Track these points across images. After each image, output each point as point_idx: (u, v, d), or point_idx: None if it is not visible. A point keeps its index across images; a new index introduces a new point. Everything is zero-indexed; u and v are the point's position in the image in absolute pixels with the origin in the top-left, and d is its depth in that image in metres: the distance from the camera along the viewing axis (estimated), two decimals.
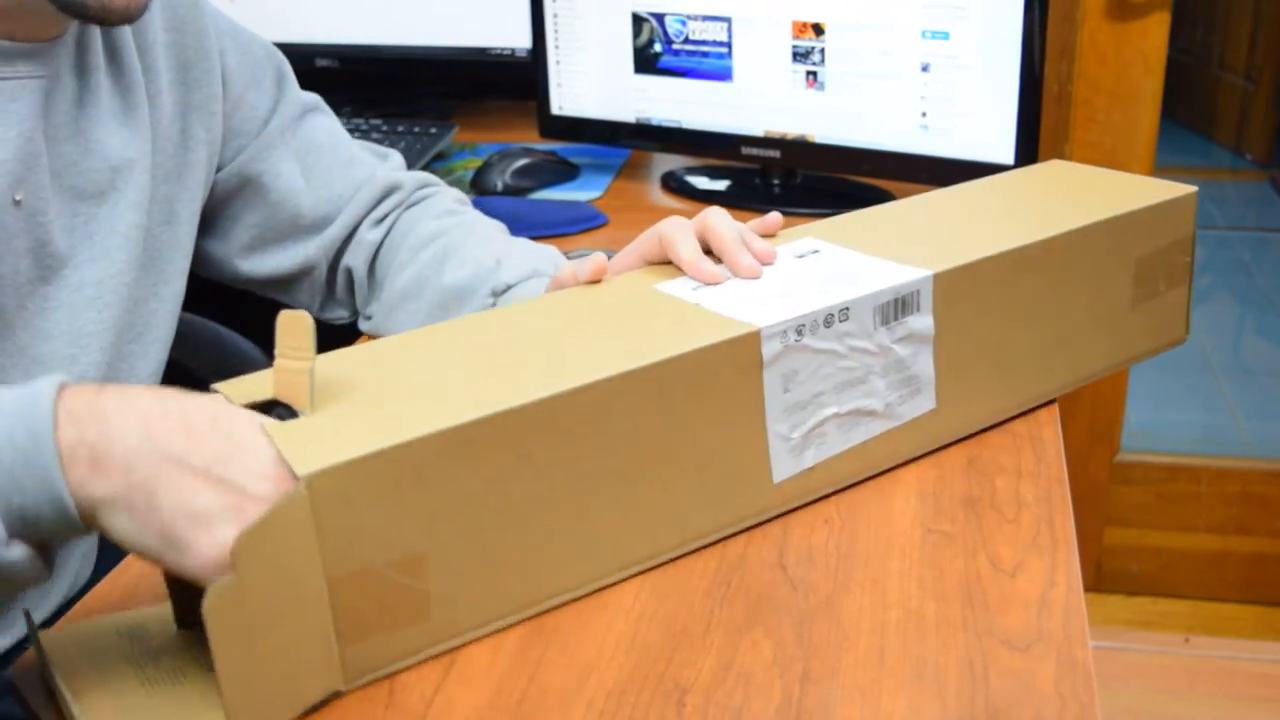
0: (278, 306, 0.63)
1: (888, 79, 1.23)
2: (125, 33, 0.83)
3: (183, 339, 1.12)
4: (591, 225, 1.27)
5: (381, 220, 0.98)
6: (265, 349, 1.08)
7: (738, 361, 0.68)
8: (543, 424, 0.62)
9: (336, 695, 0.60)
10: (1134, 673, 1.81)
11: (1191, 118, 3.85)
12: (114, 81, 0.82)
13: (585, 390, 0.63)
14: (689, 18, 1.31)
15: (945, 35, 1.18)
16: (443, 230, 0.96)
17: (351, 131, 1.48)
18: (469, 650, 0.63)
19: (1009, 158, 1.18)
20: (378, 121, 1.52)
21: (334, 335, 0.94)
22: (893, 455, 0.77)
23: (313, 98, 1.00)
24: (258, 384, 0.63)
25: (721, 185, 1.39)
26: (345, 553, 0.57)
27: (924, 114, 1.22)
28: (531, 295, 0.87)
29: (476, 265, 0.91)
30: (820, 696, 0.59)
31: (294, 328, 0.60)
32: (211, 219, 0.95)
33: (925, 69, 1.20)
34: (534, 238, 0.98)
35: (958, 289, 0.76)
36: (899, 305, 0.74)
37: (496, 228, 0.99)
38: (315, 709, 0.59)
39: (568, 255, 0.96)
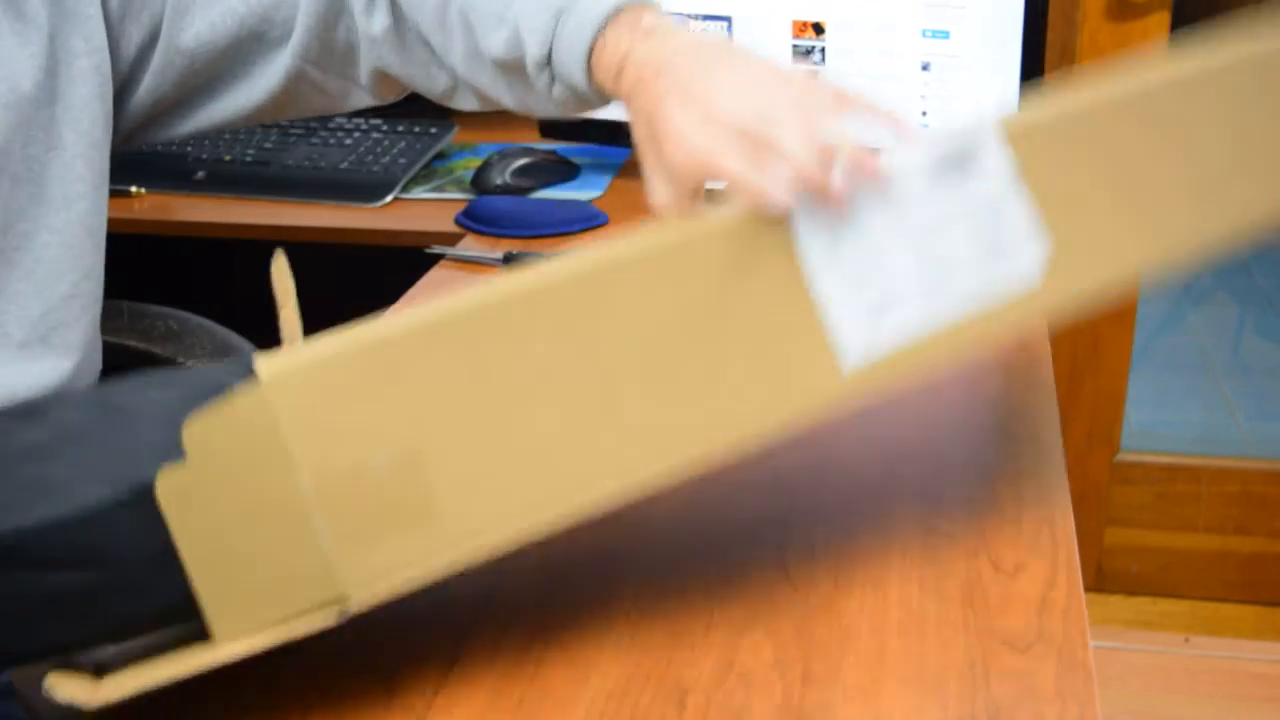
0: (274, 305, 0.63)
1: (888, 79, 1.22)
2: None
3: (179, 337, 1.11)
4: (592, 225, 1.27)
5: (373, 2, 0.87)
6: (261, 346, 1.08)
7: (773, 234, 0.60)
8: (535, 311, 0.57)
9: (343, 611, 0.56)
10: (1134, 673, 1.81)
11: None
12: None
13: (580, 276, 0.58)
14: (689, 17, 1.31)
15: (946, 35, 1.18)
16: None
17: (351, 131, 1.48)
18: (469, 650, 0.63)
19: None
20: (377, 121, 1.52)
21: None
22: (985, 331, 0.64)
23: None
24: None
25: (722, 184, 1.39)
26: (325, 453, 0.55)
27: (924, 113, 1.22)
28: (578, 43, 0.73)
29: (499, 23, 0.78)
30: (821, 697, 0.59)
31: (278, 275, 0.60)
32: (197, 99, 0.90)
33: (925, 68, 1.20)
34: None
35: (1055, 132, 0.65)
36: (970, 154, 0.63)
37: None
38: (320, 695, 0.59)
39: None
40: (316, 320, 1.01)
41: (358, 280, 1.17)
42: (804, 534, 0.72)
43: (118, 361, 0.91)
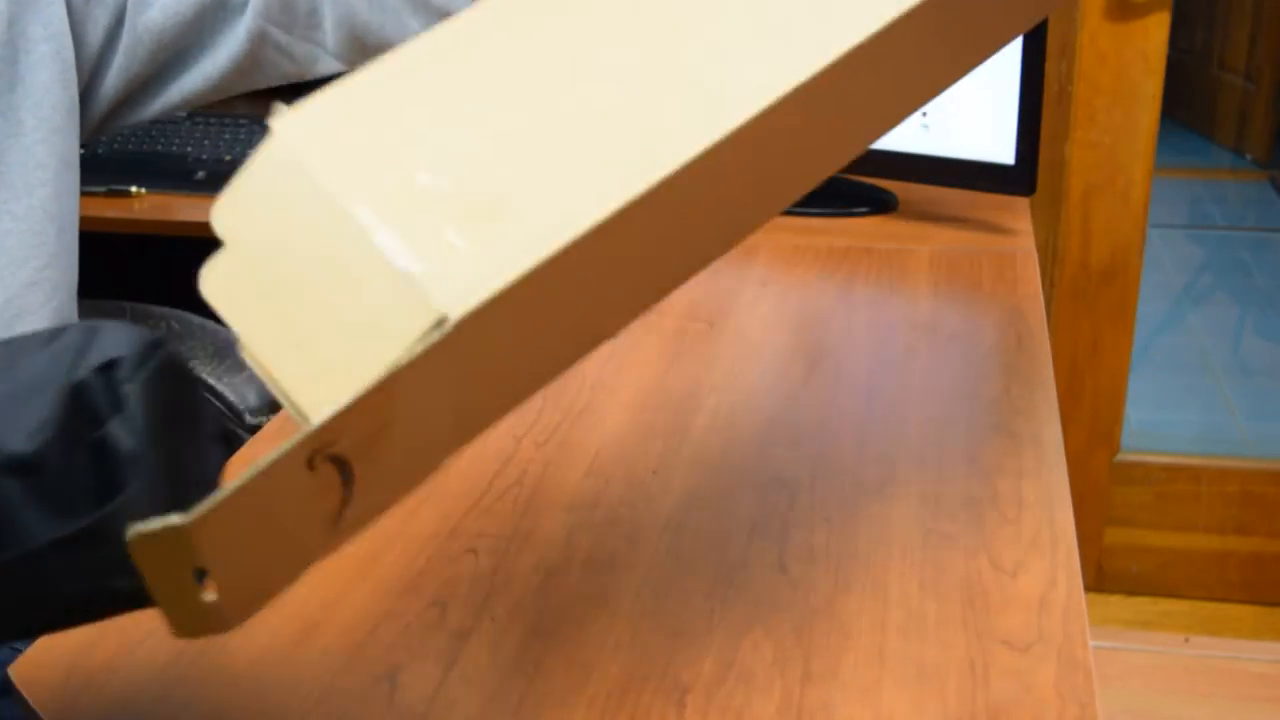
0: None
1: None
2: None
3: (180, 338, 1.12)
4: None
5: None
6: None
7: None
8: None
9: (442, 325, 0.47)
10: (1134, 673, 1.81)
11: (1191, 118, 3.85)
12: None
13: None
14: None
15: None
16: None
17: None
18: (469, 650, 0.63)
19: (1009, 157, 1.18)
20: None
21: None
22: None
23: None
24: None
25: None
26: (357, 179, 0.49)
27: (924, 113, 1.22)
28: None
29: None
30: (821, 696, 0.59)
31: None
32: (168, 74, 0.91)
33: None
34: None
35: None
36: None
37: None
38: (320, 695, 0.59)
39: None
40: None
41: None
42: (804, 534, 0.72)
43: None
